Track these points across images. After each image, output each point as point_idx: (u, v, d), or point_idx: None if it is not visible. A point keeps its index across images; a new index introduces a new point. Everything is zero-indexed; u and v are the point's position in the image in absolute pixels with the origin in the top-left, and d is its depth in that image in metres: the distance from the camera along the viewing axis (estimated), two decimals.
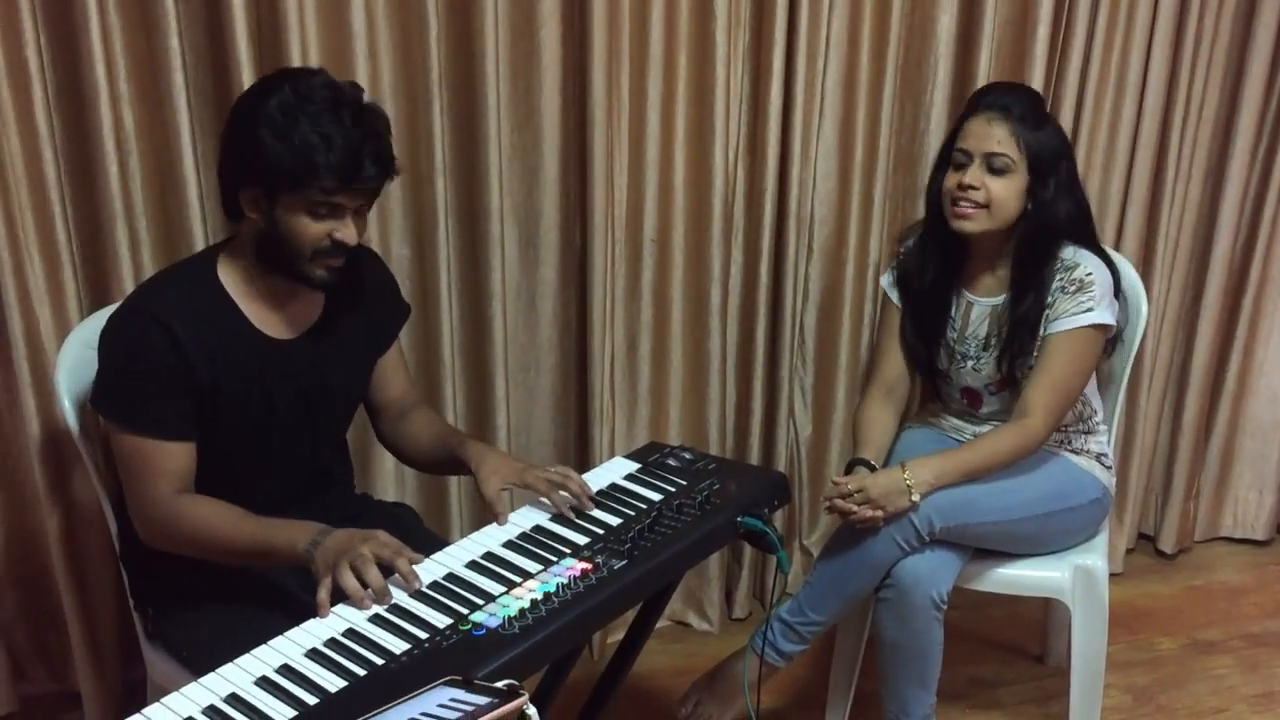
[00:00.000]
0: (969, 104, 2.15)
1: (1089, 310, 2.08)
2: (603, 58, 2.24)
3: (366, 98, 1.69)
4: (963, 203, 2.09)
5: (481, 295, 2.37)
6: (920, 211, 2.59)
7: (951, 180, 2.11)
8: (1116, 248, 2.69)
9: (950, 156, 2.14)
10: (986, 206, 2.08)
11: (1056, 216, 2.10)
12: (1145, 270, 2.77)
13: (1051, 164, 2.09)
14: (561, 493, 1.77)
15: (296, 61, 2.07)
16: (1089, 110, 2.61)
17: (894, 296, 2.30)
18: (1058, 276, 2.11)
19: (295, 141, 1.59)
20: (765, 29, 2.39)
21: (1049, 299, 2.11)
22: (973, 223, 2.10)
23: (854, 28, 2.46)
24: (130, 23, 2.04)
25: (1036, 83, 2.52)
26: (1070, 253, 2.12)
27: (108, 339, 1.71)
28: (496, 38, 2.21)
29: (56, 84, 2.05)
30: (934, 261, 2.22)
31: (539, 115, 2.31)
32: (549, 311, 2.46)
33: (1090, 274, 2.09)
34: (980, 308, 2.21)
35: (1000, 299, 2.18)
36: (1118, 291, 2.16)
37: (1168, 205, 2.74)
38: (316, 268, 1.69)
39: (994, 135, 2.07)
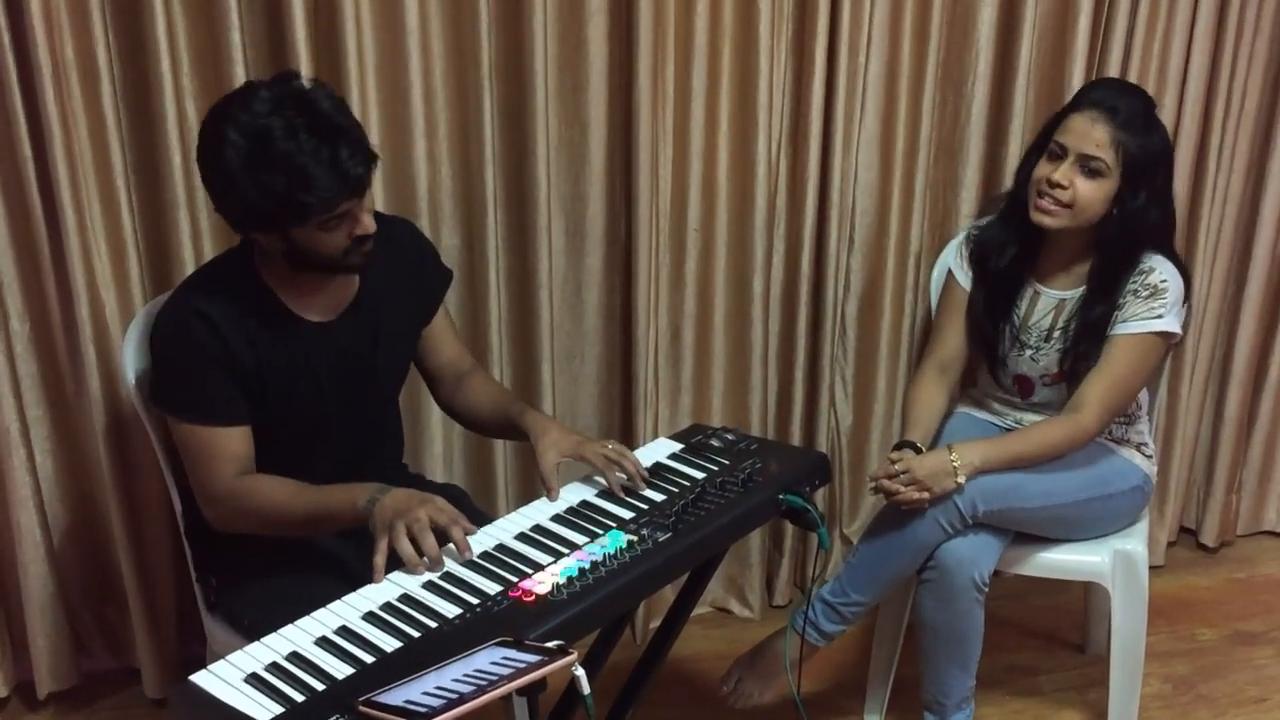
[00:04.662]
0: (1077, 96, 2.12)
1: (1159, 317, 2.08)
2: (648, 51, 2.29)
3: (307, 81, 1.66)
4: (1047, 198, 2.08)
5: (529, 284, 2.42)
6: (962, 203, 2.64)
7: (1042, 171, 2.09)
8: None
9: (1047, 145, 2.11)
10: (1070, 206, 2.07)
11: (1145, 224, 2.08)
12: (1186, 263, 2.76)
13: (1148, 173, 2.05)
14: (617, 473, 1.81)
15: (353, 54, 2.14)
16: None
17: (960, 275, 2.29)
18: (1132, 280, 2.10)
19: (276, 190, 1.59)
20: (808, 22, 2.42)
21: (1120, 300, 2.10)
22: (1053, 219, 2.09)
23: (895, 20, 2.49)
24: (194, 18, 2.11)
25: (1076, 74, 2.54)
26: (1147, 258, 2.12)
27: (155, 335, 1.78)
28: (545, 32, 2.26)
29: (124, 78, 2.13)
30: (1015, 242, 2.21)
31: (586, 108, 2.36)
32: (594, 300, 2.51)
33: (1165, 281, 2.09)
34: (1047, 299, 2.21)
35: (1069, 294, 2.18)
36: (1187, 298, 2.15)
37: (1209, 198, 2.74)
38: (349, 260, 1.73)
39: (1094, 137, 2.04)
